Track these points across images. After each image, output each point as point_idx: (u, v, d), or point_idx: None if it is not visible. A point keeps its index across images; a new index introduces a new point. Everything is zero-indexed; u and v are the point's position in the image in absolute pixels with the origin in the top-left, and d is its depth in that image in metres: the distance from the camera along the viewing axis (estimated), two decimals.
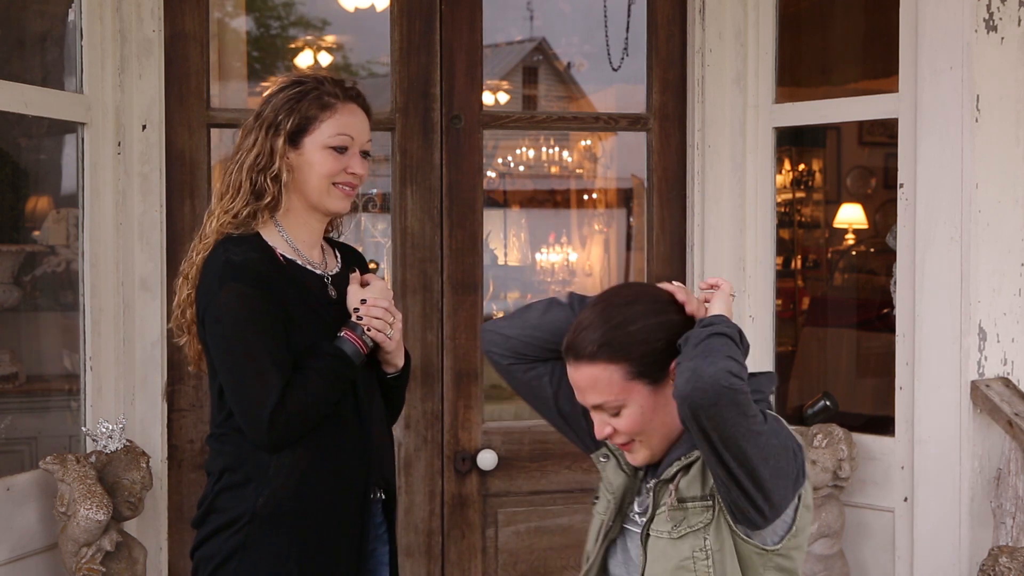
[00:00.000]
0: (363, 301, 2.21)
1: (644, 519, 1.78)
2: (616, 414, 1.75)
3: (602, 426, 1.78)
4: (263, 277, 2.11)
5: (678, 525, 1.71)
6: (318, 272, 2.23)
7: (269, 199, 2.17)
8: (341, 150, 2.19)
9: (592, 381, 1.74)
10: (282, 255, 2.18)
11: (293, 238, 2.21)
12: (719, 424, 1.56)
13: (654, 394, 1.74)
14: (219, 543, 2.14)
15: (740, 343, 1.65)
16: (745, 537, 1.69)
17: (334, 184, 2.19)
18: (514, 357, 1.93)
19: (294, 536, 2.12)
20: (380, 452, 2.26)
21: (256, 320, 2.09)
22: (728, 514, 1.68)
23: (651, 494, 1.77)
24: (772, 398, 1.86)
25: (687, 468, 1.74)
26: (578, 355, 1.75)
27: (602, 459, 1.88)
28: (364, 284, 2.26)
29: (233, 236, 2.17)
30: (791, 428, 1.76)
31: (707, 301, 1.78)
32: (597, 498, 1.90)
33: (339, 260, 2.31)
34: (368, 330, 2.19)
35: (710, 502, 1.70)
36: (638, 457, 1.80)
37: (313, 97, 2.19)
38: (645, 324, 1.74)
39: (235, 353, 2.09)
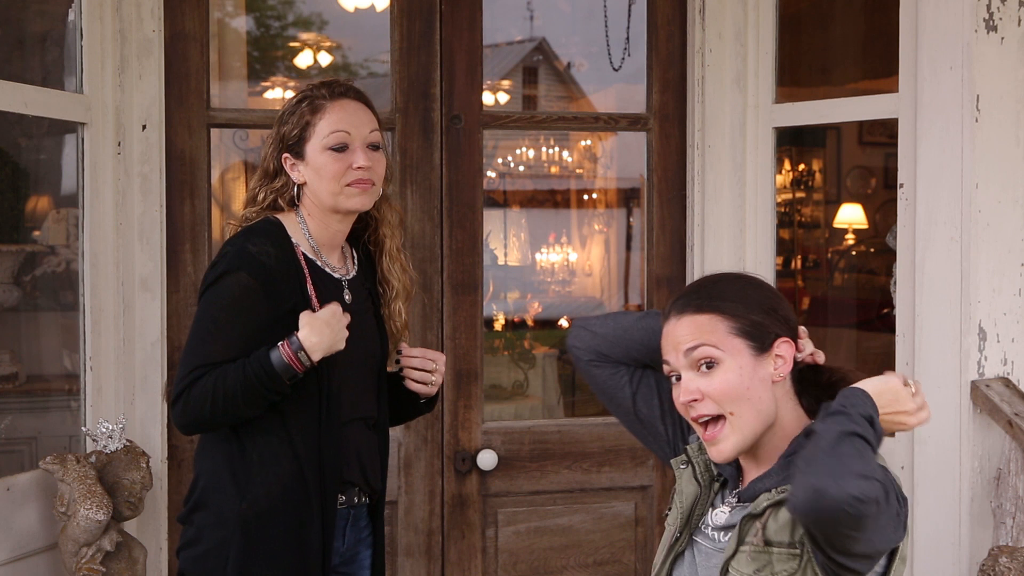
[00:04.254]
0: (399, 352, 2.29)
1: (719, 537, 1.69)
2: (710, 367, 1.64)
3: (688, 389, 1.65)
4: (271, 273, 2.11)
5: (760, 570, 1.59)
6: (336, 276, 2.23)
7: (279, 204, 2.24)
8: (341, 149, 2.17)
9: (693, 327, 1.66)
10: (303, 253, 2.19)
11: (314, 238, 2.21)
12: (834, 539, 1.45)
13: (755, 362, 1.64)
14: (205, 544, 2.15)
15: (872, 440, 1.50)
16: None
17: (346, 184, 2.17)
18: (596, 356, 1.88)
19: (277, 538, 2.12)
20: (362, 456, 2.26)
21: (239, 308, 2.09)
22: (822, 571, 1.55)
23: (737, 526, 1.64)
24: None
25: (777, 505, 1.61)
26: (682, 309, 1.68)
27: (681, 466, 1.79)
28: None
29: (256, 227, 2.18)
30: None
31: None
32: (670, 509, 1.81)
33: (356, 264, 2.31)
34: (401, 371, 2.28)
35: (798, 550, 1.57)
36: (726, 446, 1.65)
37: (306, 105, 2.19)
38: (762, 297, 1.68)
39: (201, 327, 2.11)
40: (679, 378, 1.69)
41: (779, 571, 1.58)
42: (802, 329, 1.75)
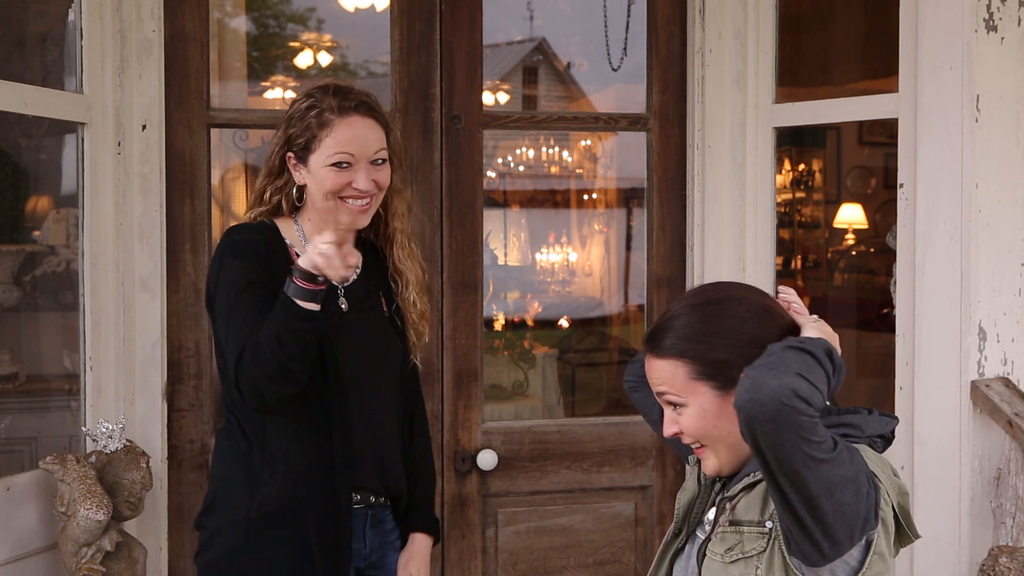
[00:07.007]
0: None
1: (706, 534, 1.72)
2: (677, 407, 1.69)
3: (669, 423, 1.72)
4: (262, 255, 2.13)
5: (731, 549, 1.62)
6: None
7: (282, 208, 2.24)
8: (343, 165, 2.14)
9: (657, 372, 1.70)
10: (296, 253, 2.18)
11: (311, 240, 2.17)
12: (775, 443, 1.47)
13: (720, 399, 1.66)
14: (218, 548, 2.15)
15: (825, 366, 1.54)
16: (799, 572, 1.57)
17: (342, 199, 2.15)
18: (635, 379, 1.95)
19: (288, 540, 2.12)
20: (384, 457, 2.25)
21: (250, 288, 2.09)
22: (784, 543, 1.57)
23: (716, 511, 1.70)
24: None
25: (750, 488, 1.65)
26: (648, 350, 1.72)
27: (692, 465, 1.84)
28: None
29: (241, 224, 2.22)
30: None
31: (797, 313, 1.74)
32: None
33: (358, 267, 2.22)
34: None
35: (766, 529, 1.60)
36: (708, 465, 1.72)
37: (315, 114, 2.16)
38: (727, 326, 1.68)
39: (222, 316, 2.11)
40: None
41: (748, 550, 1.61)
42: (784, 293, 1.80)
